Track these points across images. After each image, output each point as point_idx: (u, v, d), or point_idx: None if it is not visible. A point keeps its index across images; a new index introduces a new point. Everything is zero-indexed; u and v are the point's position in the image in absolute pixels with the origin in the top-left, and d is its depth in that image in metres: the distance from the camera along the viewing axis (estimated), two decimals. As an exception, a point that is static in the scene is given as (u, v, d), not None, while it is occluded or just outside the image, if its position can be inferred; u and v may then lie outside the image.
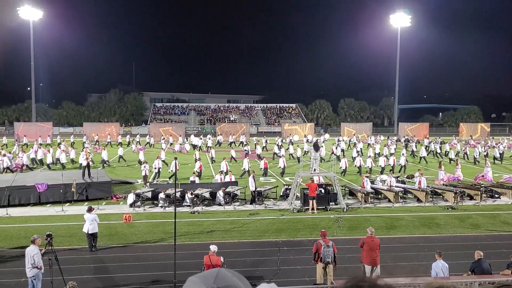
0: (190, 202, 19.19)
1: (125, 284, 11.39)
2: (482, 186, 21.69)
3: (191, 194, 19.36)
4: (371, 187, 21.14)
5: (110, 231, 15.71)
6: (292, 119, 76.88)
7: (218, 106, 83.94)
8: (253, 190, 20.17)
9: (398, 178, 23.68)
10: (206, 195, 20.43)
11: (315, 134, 58.98)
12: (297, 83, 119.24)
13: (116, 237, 15.21)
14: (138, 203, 19.40)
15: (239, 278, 2.21)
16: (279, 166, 28.43)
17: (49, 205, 19.72)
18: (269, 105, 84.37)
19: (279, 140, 45.60)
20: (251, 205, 19.94)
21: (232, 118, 76.72)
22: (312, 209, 18.53)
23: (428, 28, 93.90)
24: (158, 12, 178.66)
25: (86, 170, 22.52)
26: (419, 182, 21.20)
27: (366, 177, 22.21)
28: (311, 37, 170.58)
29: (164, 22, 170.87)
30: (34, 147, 35.64)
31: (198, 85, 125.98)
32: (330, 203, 19.43)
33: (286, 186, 21.68)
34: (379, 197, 21.23)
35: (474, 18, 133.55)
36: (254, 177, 20.62)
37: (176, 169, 23.17)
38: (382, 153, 33.65)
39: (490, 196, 21.38)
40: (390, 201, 20.34)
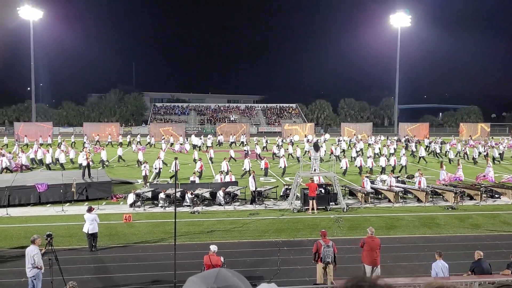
0: (190, 202, 19.19)
1: (125, 284, 11.39)
2: (482, 186, 21.70)
3: (191, 194, 19.36)
4: (371, 187, 21.14)
5: (110, 231, 15.71)
6: (292, 119, 76.88)
7: (218, 106, 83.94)
8: (253, 190, 20.17)
9: (398, 178, 23.68)
10: (206, 195, 20.43)
11: (315, 134, 58.92)
12: (297, 83, 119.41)
13: (116, 237, 15.21)
14: (138, 203, 19.41)
15: (239, 278, 2.21)
16: (280, 166, 28.42)
17: (49, 205, 19.72)
18: (269, 105, 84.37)
19: (280, 140, 45.61)
20: (251, 205, 19.94)
21: (232, 118, 76.72)
22: (312, 209, 18.53)
23: (428, 28, 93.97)
24: (158, 12, 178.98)
25: (86, 170, 22.52)
26: (419, 182, 21.19)
27: (366, 177, 22.22)
28: (311, 37, 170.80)
29: (164, 22, 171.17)
30: (34, 147, 35.69)
31: (198, 85, 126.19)
32: (330, 203, 19.42)
33: (286, 186, 21.68)
34: (379, 197, 21.23)
35: (474, 18, 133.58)
36: (254, 177, 20.62)
37: (176, 169, 23.18)
38: (382, 153, 33.62)
39: (490, 196, 21.38)
40: (390, 201, 20.33)
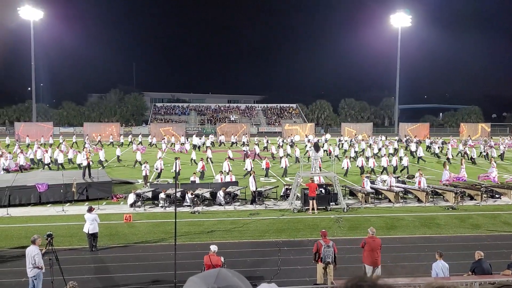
0: (191, 202, 19.19)
1: (125, 284, 11.40)
2: (483, 186, 21.69)
3: (192, 194, 19.37)
4: (371, 187, 21.13)
5: (111, 231, 15.72)
6: (292, 119, 76.87)
7: (219, 106, 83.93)
8: (253, 190, 20.16)
9: (399, 178, 23.67)
10: (207, 195, 20.43)
11: (315, 134, 58.90)
12: (297, 83, 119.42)
13: (116, 237, 15.21)
14: (139, 203, 19.41)
15: (240, 278, 2.21)
16: (281, 166, 28.40)
17: (49, 205, 19.73)
18: (269, 105, 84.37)
19: (280, 140, 45.59)
20: (252, 205, 19.93)
21: (232, 118, 76.71)
22: (312, 209, 18.53)
23: (428, 28, 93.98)
24: (158, 12, 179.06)
25: (87, 170, 22.52)
26: (419, 182, 21.20)
27: (367, 177, 22.23)
28: (311, 37, 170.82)
29: (164, 22, 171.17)
30: (34, 147, 35.73)
31: (199, 85, 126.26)
32: (331, 203, 19.42)
33: (286, 186, 21.68)
34: (380, 197, 21.22)
35: (474, 18, 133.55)
36: (254, 177, 20.62)
37: (178, 169, 23.16)
38: (381, 154, 33.73)
39: (490, 196, 21.37)
40: (390, 201, 20.32)
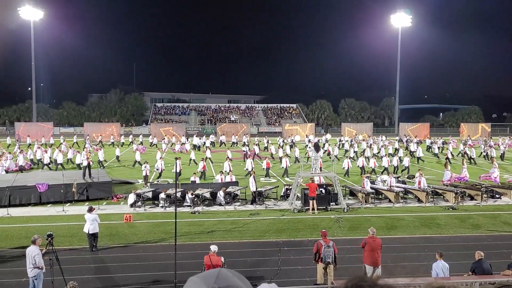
0: (191, 202, 19.19)
1: (125, 284, 11.40)
2: (483, 186, 21.68)
3: (192, 194, 19.37)
4: (371, 187, 21.12)
5: (111, 231, 15.72)
6: (292, 119, 76.87)
7: (219, 106, 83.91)
8: (253, 190, 20.15)
9: (399, 178, 23.66)
10: (207, 195, 20.43)
11: (315, 134, 58.89)
12: (297, 83, 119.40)
13: (116, 237, 15.22)
14: (139, 203, 19.41)
15: (240, 278, 2.21)
16: (282, 166, 28.40)
17: (49, 205, 19.73)
18: (269, 105, 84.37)
19: (281, 140, 45.56)
20: (252, 205, 19.92)
21: (232, 119, 76.71)
22: (312, 209, 18.53)
23: (428, 28, 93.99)
24: (158, 12, 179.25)
25: (87, 170, 22.53)
26: (419, 182, 21.21)
27: (367, 177, 22.21)
28: (311, 37, 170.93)
29: (164, 22, 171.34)
30: (35, 148, 35.73)
31: (199, 85, 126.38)
32: (331, 203, 19.42)
33: (286, 186, 21.68)
34: (380, 197, 21.21)
35: (474, 18, 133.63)
36: (254, 177, 20.62)
37: (179, 169, 23.21)
38: (380, 154, 33.83)
39: (491, 196, 21.37)
40: (390, 201, 20.32)
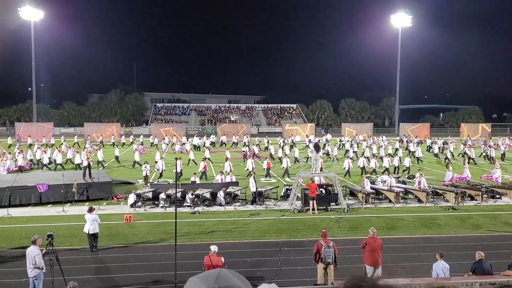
0: (191, 203, 19.18)
1: (125, 284, 11.40)
2: (483, 187, 21.67)
3: (192, 195, 19.36)
4: (371, 188, 21.12)
5: (111, 232, 15.72)
6: (293, 120, 76.86)
7: (219, 106, 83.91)
8: (254, 191, 20.14)
9: (399, 179, 23.66)
10: (207, 196, 20.43)
11: (315, 134, 58.87)
12: (297, 83, 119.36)
13: (116, 237, 15.22)
14: (139, 204, 19.41)
15: (240, 278, 2.21)
16: (283, 166, 28.39)
17: (50, 205, 19.73)
18: (269, 105, 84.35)
19: (281, 140, 45.54)
20: (252, 205, 19.91)
21: (233, 119, 76.69)
22: (312, 209, 18.52)
23: (429, 28, 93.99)
24: (158, 12, 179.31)
25: (87, 170, 22.52)
26: (419, 182, 21.21)
27: (367, 177, 22.20)
28: (311, 37, 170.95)
29: (164, 22, 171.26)
30: (35, 148, 35.74)
31: (199, 85, 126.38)
32: (331, 204, 19.41)
33: (287, 187, 21.67)
34: (380, 197, 21.21)
35: (474, 18, 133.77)
36: (255, 178, 20.61)
37: (180, 169, 23.25)
38: (379, 154, 33.89)
39: (491, 196, 21.36)
40: (391, 201, 20.32)
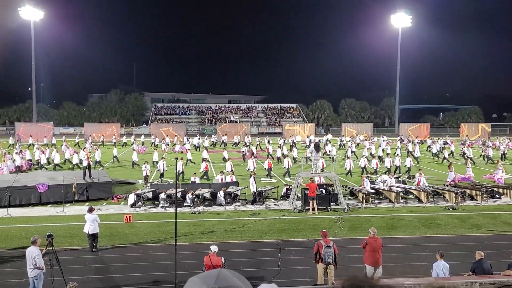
0: (191, 203, 19.18)
1: (125, 284, 11.40)
2: (483, 186, 21.66)
3: (192, 195, 19.36)
4: (371, 187, 21.12)
5: (111, 232, 15.72)
6: (293, 120, 76.86)
7: (219, 106, 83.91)
8: (254, 191, 20.13)
9: (399, 179, 23.66)
10: (207, 196, 20.43)
11: (316, 134, 58.88)
12: (297, 83, 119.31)
13: (117, 237, 15.21)
14: (139, 204, 19.41)
15: (240, 278, 2.21)
16: (284, 166, 28.40)
17: (49, 205, 19.73)
18: (269, 105, 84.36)
19: (282, 140, 45.53)
20: (252, 205, 19.90)
21: (233, 119, 76.69)
22: (313, 209, 18.52)
23: (428, 28, 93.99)
24: (158, 12, 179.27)
25: (87, 171, 22.52)
26: (418, 182, 21.20)
27: (367, 177, 22.20)
28: (311, 37, 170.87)
29: (164, 22, 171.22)
30: (35, 148, 35.74)
31: (199, 85, 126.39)
32: (331, 204, 19.41)
33: (287, 187, 21.68)
34: (380, 197, 21.22)
35: (474, 18, 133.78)
36: (255, 178, 20.61)
37: (181, 169, 23.24)
38: (377, 154, 33.96)
39: (491, 196, 21.36)
40: (391, 201, 20.32)
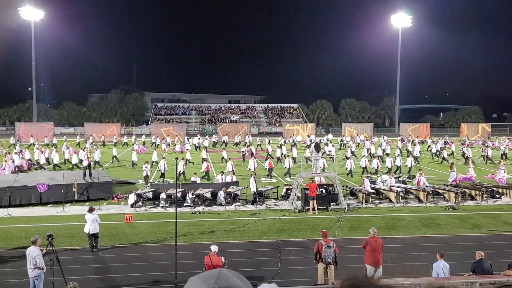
0: (191, 203, 19.19)
1: (126, 284, 11.40)
2: (483, 186, 21.66)
3: (192, 195, 19.37)
4: (372, 187, 21.12)
5: (111, 232, 15.72)
6: (293, 119, 76.85)
7: (219, 106, 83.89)
8: (254, 191, 20.13)
9: (399, 178, 23.66)
10: (207, 196, 20.43)
11: (316, 134, 58.87)
12: (297, 83, 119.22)
13: (117, 237, 15.22)
14: (139, 204, 19.42)
15: (240, 278, 2.22)
16: (285, 166, 28.41)
17: (50, 205, 19.74)
18: (270, 105, 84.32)
19: (282, 140, 45.51)
20: (252, 205, 19.91)
21: (233, 119, 76.68)
22: (313, 209, 18.52)
23: (429, 28, 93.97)
24: (158, 12, 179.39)
25: (87, 170, 22.52)
26: (418, 181, 21.21)
27: (367, 177, 22.19)
28: (312, 37, 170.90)
29: (164, 22, 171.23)
30: (35, 148, 35.75)
31: (199, 85, 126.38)
32: (331, 203, 19.41)
33: (287, 187, 21.68)
34: (380, 197, 21.22)
35: (474, 18, 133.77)
36: (255, 178, 20.61)
37: (182, 169, 23.24)
38: (376, 154, 34.02)
39: (491, 196, 21.36)
40: (391, 201, 20.32)
